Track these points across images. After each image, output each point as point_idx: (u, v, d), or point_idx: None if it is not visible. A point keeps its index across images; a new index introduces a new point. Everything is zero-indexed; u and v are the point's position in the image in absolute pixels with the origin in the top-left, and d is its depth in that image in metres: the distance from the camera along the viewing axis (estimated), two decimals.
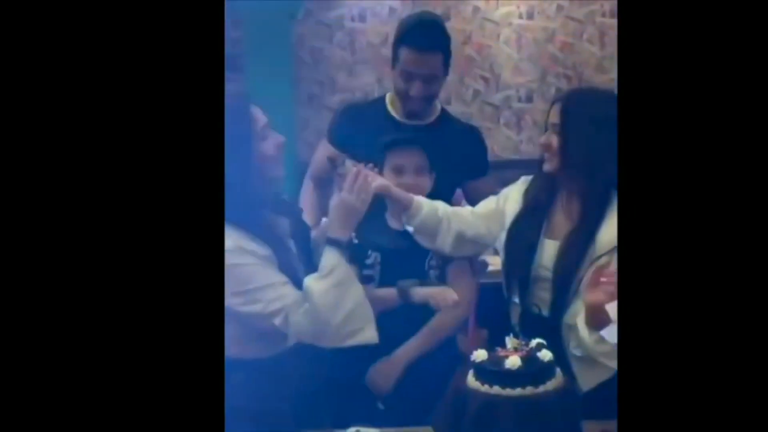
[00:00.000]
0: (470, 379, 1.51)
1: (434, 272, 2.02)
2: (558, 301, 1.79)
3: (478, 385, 1.48)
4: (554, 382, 1.49)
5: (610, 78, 4.87)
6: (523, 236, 1.88)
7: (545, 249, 1.84)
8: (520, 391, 1.45)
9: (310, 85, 5.02)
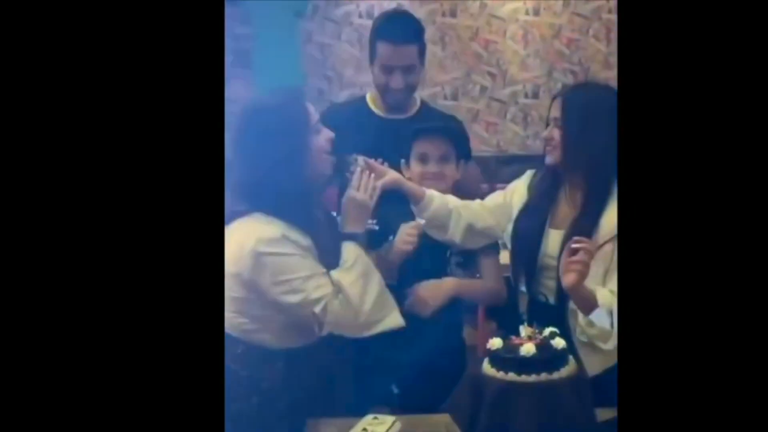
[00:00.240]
0: (486, 366, 1.54)
1: (456, 258, 2.07)
2: (563, 289, 1.83)
3: (494, 372, 1.51)
4: (568, 369, 1.53)
5: (616, 74, 4.89)
6: (529, 227, 1.93)
7: (550, 238, 1.89)
8: (534, 377, 1.49)
9: (319, 81, 5.04)
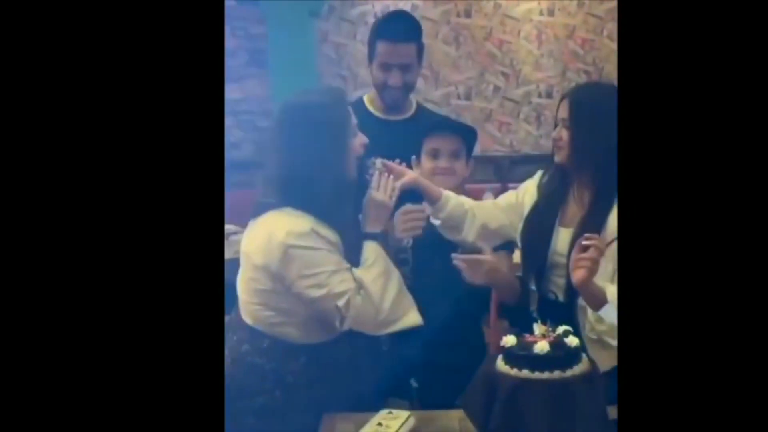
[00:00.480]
0: (500, 363, 1.56)
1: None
2: (572, 287, 1.86)
3: (508, 369, 1.53)
4: (581, 366, 1.54)
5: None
6: (539, 225, 1.96)
7: (560, 237, 1.92)
8: (548, 374, 1.50)
9: (333, 80, 5.08)
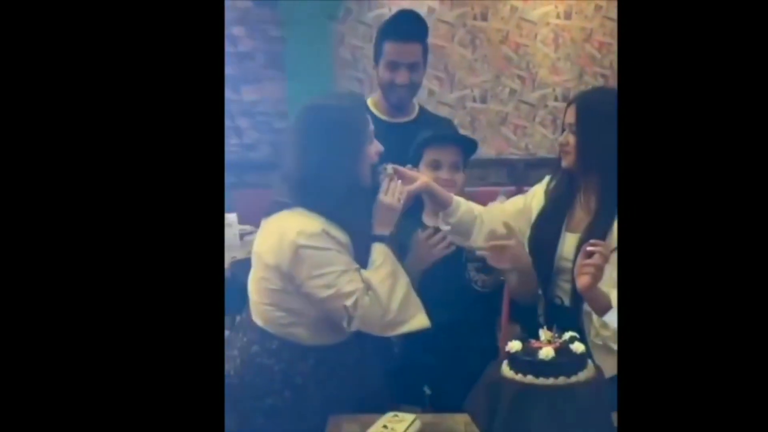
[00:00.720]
0: (504, 369, 1.57)
1: (473, 264, 2.11)
2: (578, 292, 1.86)
3: (512, 374, 1.54)
4: (586, 373, 1.55)
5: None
6: (546, 231, 1.96)
7: (566, 242, 1.93)
8: (552, 380, 1.51)
9: (349, 83, 5.10)
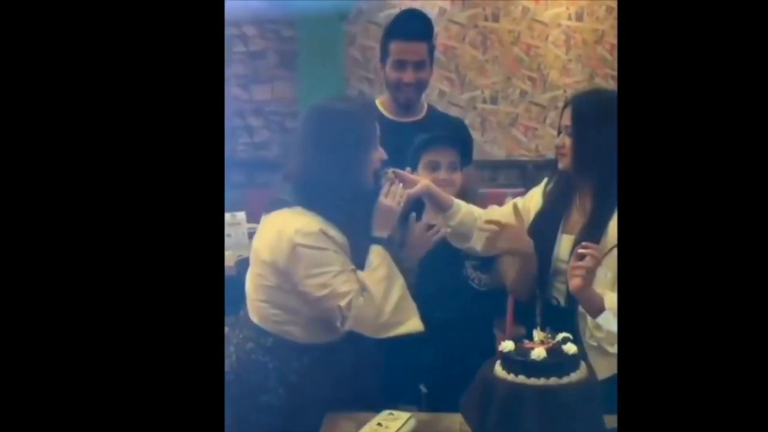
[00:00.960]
0: (497, 368, 1.58)
1: (471, 262, 2.13)
2: None
3: (505, 374, 1.55)
4: (578, 374, 1.56)
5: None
6: (543, 232, 1.97)
7: (562, 243, 1.94)
8: (544, 381, 1.52)
9: (360, 82, 5.12)
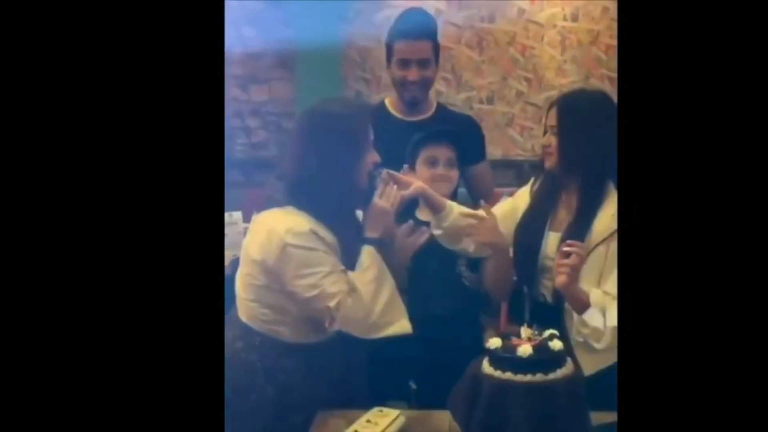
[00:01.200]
0: (485, 365, 1.62)
1: (462, 260, 2.16)
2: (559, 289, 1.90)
3: (492, 371, 1.59)
4: (564, 370, 1.60)
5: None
6: (530, 230, 2.01)
7: (549, 241, 1.98)
8: (530, 377, 1.56)
9: (357, 83, 5.14)
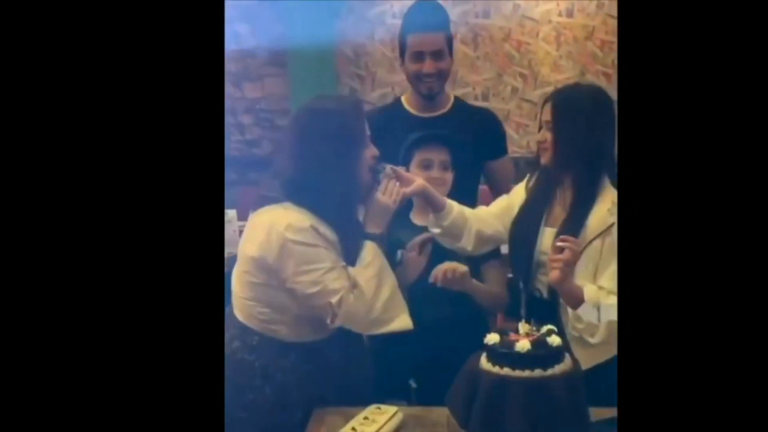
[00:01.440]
0: (483, 361, 1.60)
1: (460, 261, 2.13)
2: None
3: (490, 367, 1.57)
4: (562, 366, 1.57)
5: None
6: (526, 226, 2.00)
7: (545, 236, 1.96)
8: (528, 373, 1.54)
9: (351, 80, 5.13)
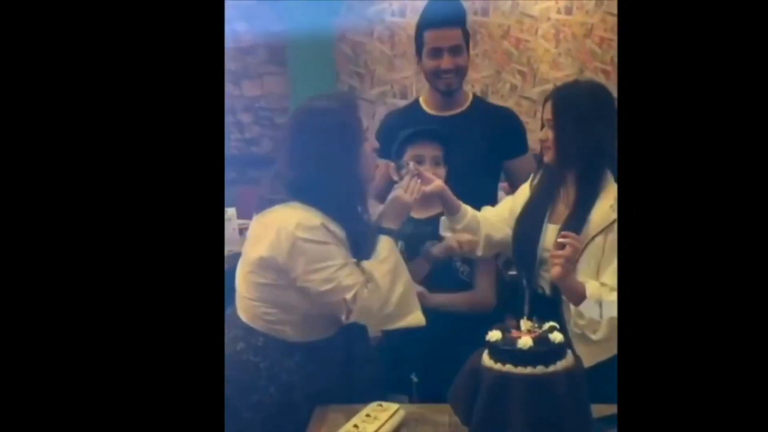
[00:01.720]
0: (485, 358, 1.60)
1: (463, 267, 2.17)
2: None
3: (492, 363, 1.57)
4: (564, 363, 1.57)
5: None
6: (529, 223, 2.01)
7: (548, 233, 1.96)
8: (530, 369, 1.54)
9: (350, 78, 5.12)
